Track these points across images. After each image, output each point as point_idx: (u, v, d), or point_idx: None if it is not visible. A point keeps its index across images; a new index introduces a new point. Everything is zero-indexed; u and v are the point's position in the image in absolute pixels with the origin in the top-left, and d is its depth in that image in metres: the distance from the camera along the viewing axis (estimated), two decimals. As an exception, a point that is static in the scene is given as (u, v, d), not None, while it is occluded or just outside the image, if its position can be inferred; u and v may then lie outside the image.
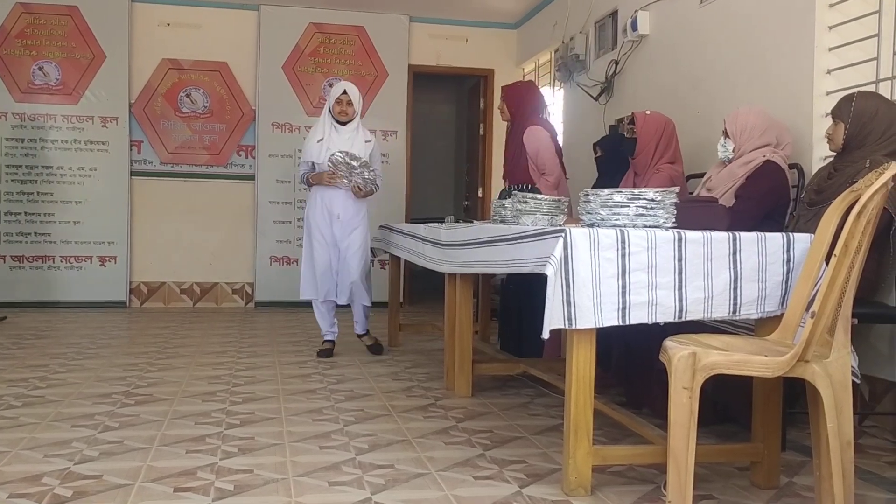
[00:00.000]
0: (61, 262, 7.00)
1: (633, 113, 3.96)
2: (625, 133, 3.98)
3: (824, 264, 2.28)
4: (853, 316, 2.21)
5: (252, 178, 7.34)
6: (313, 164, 4.69)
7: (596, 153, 4.65)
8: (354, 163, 4.55)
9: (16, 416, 3.25)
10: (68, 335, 5.49)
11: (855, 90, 3.21)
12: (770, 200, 3.32)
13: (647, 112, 3.95)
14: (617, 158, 4.42)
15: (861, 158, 3.02)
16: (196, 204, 7.31)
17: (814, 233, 2.39)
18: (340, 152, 4.53)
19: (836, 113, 3.14)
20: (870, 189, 2.06)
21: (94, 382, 3.93)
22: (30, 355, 4.68)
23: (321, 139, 4.65)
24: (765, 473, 2.55)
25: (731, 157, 3.47)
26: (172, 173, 7.28)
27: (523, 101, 4.55)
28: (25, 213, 6.94)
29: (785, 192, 3.39)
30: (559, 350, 3.99)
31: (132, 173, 7.17)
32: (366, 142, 4.70)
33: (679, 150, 3.94)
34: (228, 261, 7.38)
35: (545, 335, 2.31)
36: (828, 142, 3.22)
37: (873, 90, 3.37)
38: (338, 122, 4.67)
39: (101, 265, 7.06)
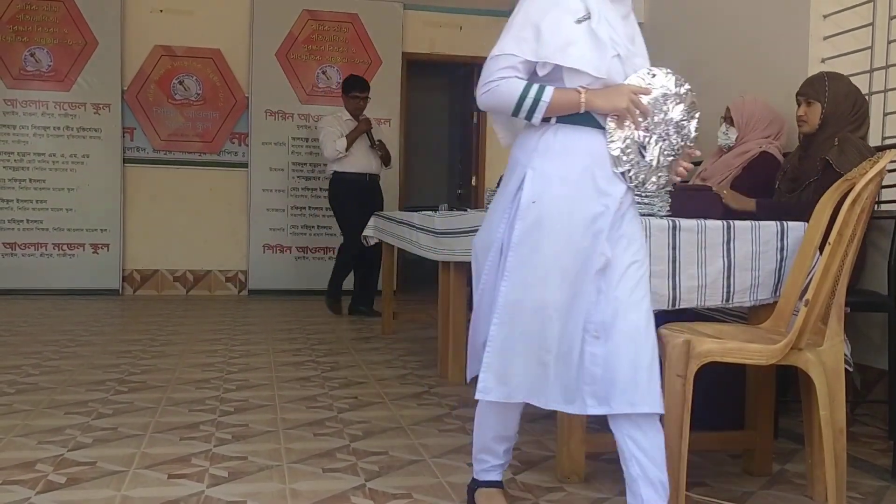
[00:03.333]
0: (54, 249, 6.97)
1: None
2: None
3: (818, 253, 2.29)
4: (846, 304, 2.23)
5: (245, 165, 7.31)
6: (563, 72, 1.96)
7: None
8: (681, 92, 2.00)
9: (9, 402, 3.25)
10: (61, 322, 5.47)
11: (820, 72, 3.21)
12: (767, 192, 3.32)
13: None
14: None
15: (827, 138, 3.02)
16: (189, 191, 7.28)
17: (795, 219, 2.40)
18: (652, 71, 2.00)
19: (811, 94, 3.12)
20: (864, 178, 2.07)
21: (88, 370, 3.92)
22: (23, 342, 4.67)
23: (584, 17, 1.95)
24: (757, 461, 2.56)
25: (732, 144, 3.46)
26: (165, 160, 7.24)
27: None
28: (18, 199, 6.90)
29: (780, 182, 3.39)
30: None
31: (125, 160, 7.13)
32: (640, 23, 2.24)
33: None
34: (222, 249, 7.35)
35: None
36: (800, 124, 3.19)
37: (866, 78, 3.39)
38: None
39: (93, 252, 7.03)
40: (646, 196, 2.50)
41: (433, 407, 3.35)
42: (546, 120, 1.96)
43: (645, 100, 1.94)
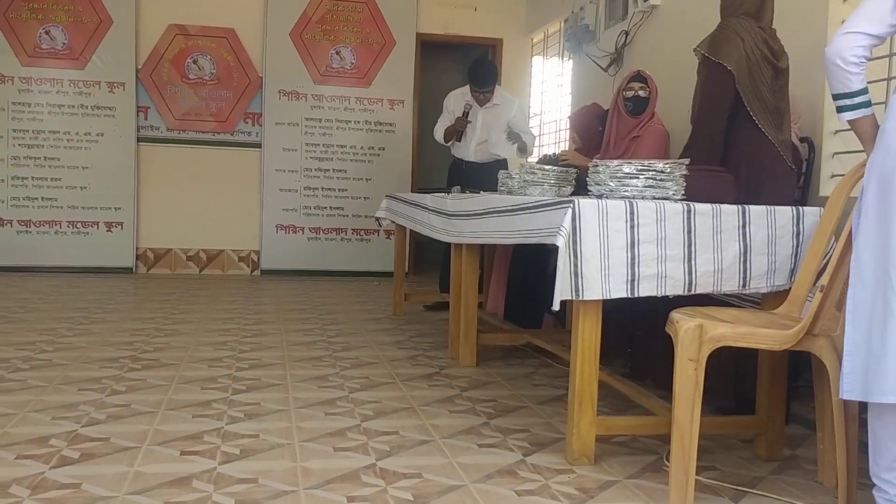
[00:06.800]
0: (68, 227, 7.00)
1: (639, 71, 3.89)
2: (636, 92, 3.88)
3: (833, 239, 2.27)
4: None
5: (258, 145, 7.30)
6: None
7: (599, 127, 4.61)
8: None
9: (23, 378, 3.28)
10: (75, 300, 5.51)
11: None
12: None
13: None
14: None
15: None
16: (202, 171, 7.28)
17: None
18: None
19: None
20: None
21: (101, 347, 3.95)
22: (37, 319, 4.70)
23: None
24: (768, 445, 2.56)
25: None
26: (179, 140, 7.24)
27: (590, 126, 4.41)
28: (32, 177, 6.93)
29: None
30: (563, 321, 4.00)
31: (139, 139, 7.14)
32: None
33: None
34: (234, 228, 7.36)
35: (556, 307, 2.30)
36: None
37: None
38: None
39: (107, 231, 7.06)
40: (660, 179, 2.49)
41: (444, 388, 3.36)
42: None
43: None
